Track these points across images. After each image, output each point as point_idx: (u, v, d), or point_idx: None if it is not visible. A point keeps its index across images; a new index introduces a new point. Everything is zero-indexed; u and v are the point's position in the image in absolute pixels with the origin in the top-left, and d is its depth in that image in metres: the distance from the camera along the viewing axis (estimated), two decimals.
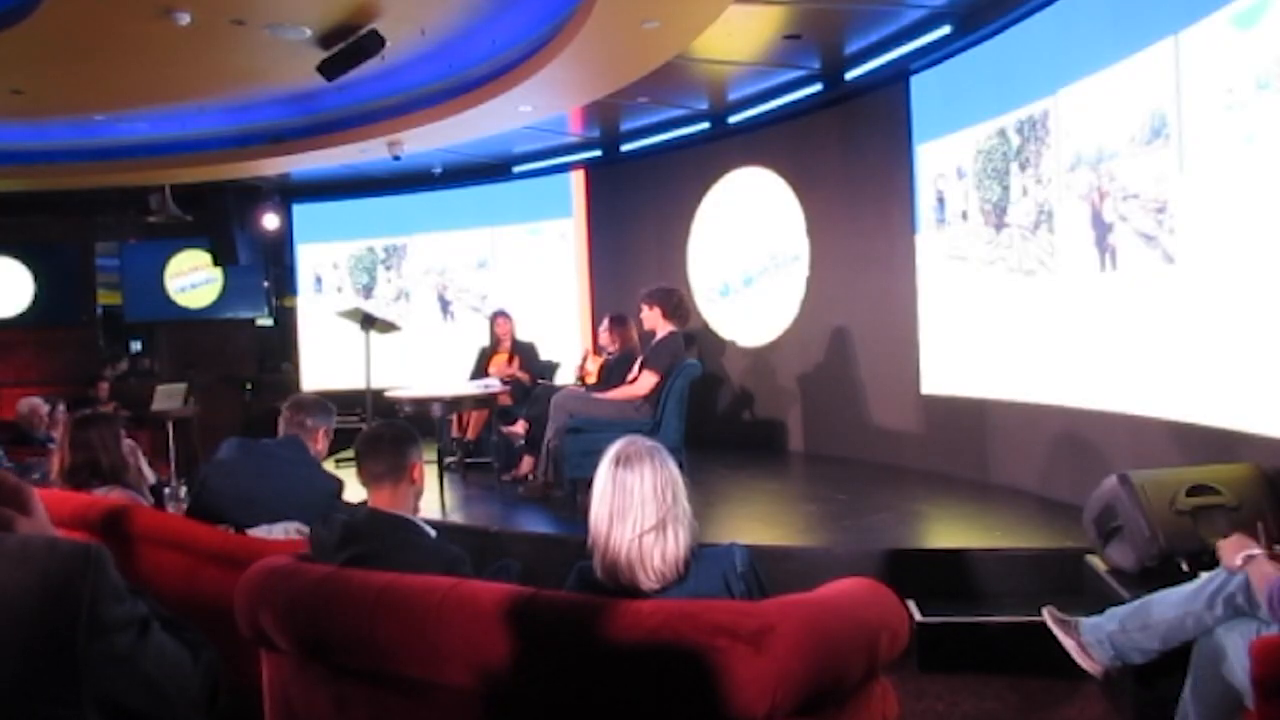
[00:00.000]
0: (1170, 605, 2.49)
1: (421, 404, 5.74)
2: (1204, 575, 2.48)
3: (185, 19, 4.96)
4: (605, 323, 6.08)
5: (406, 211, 9.49)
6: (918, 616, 3.56)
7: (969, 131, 5.45)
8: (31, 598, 0.99)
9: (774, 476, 6.32)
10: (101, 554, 1.05)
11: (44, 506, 1.24)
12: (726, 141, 7.51)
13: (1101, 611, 2.76)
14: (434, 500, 5.41)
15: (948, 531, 4.70)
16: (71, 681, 1.00)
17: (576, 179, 8.78)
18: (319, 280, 9.91)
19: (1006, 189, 5.18)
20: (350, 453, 6.55)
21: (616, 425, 4.65)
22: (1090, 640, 2.71)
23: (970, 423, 5.56)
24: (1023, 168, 5.04)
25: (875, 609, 1.73)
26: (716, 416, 7.68)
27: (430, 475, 5.53)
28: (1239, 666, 2.28)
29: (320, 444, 3.39)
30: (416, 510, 2.43)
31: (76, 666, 1.00)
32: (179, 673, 1.13)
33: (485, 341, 6.90)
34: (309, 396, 3.51)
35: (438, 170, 8.96)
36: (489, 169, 9.00)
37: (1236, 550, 2.36)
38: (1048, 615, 2.87)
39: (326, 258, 9.89)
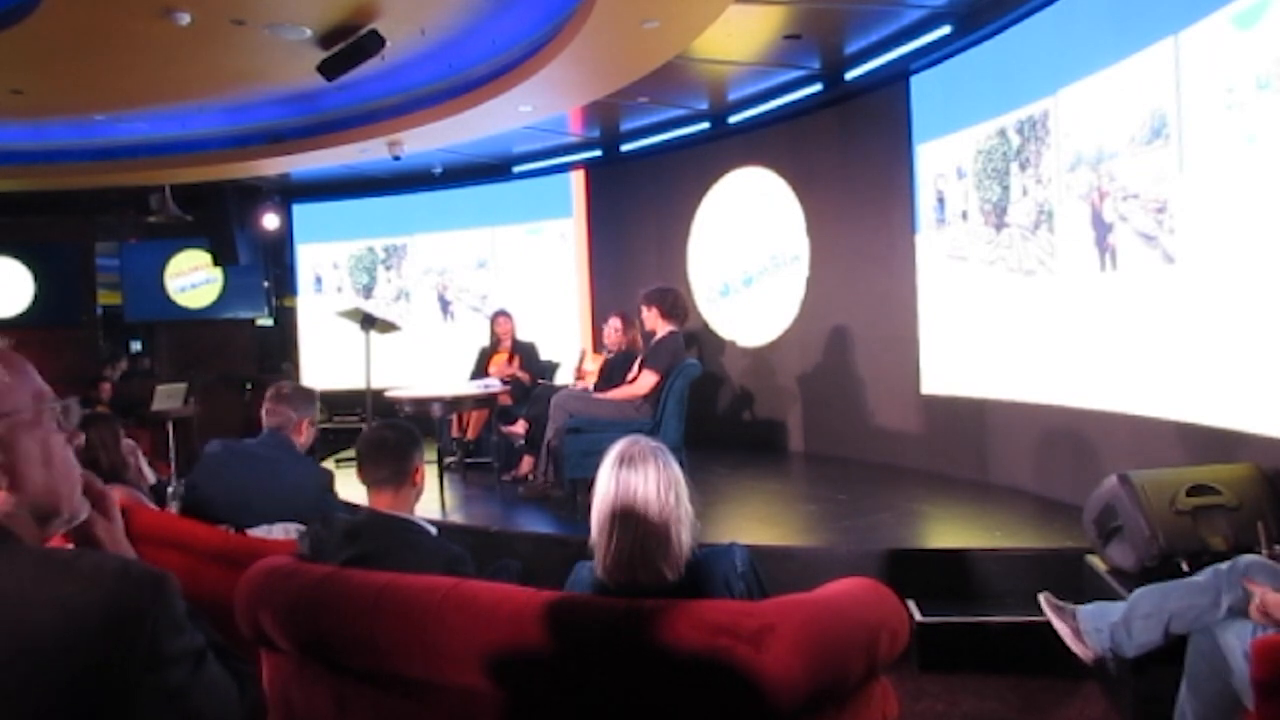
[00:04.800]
0: (1175, 597, 2.50)
1: (421, 404, 5.74)
2: (1209, 570, 2.48)
3: (185, 19, 4.96)
4: (615, 320, 6.06)
5: (406, 211, 9.50)
6: (918, 616, 3.56)
7: (969, 131, 5.45)
8: (95, 621, 0.96)
9: (774, 476, 6.32)
10: (171, 583, 1.02)
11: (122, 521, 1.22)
12: (726, 141, 7.51)
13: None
14: (434, 500, 5.41)
15: (948, 531, 4.70)
16: (119, 712, 0.97)
17: (576, 179, 8.78)
18: (319, 280, 9.91)
19: (1006, 189, 5.18)
20: (351, 452, 6.58)
21: (616, 425, 4.65)
22: (1087, 628, 2.73)
23: (970, 423, 5.56)
24: (1023, 168, 5.04)
25: (875, 609, 1.73)
26: (716, 416, 7.68)
27: (430, 475, 5.55)
28: (1236, 667, 2.28)
29: (304, 434, 3.31)
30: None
31: (127, 697, 0.97)
32: (226, 708, 1.09)
33: (485, 341, 6.90)
34: (290, 386, 3.40)
35: (438, 170, 8.97)
36: (489, 169, 9.00)
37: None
38: (1044, 600, 2.90)
39: (326, 258, 9.89)
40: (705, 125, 7.53)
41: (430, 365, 8.51)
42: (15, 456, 1.06)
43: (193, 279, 9.91)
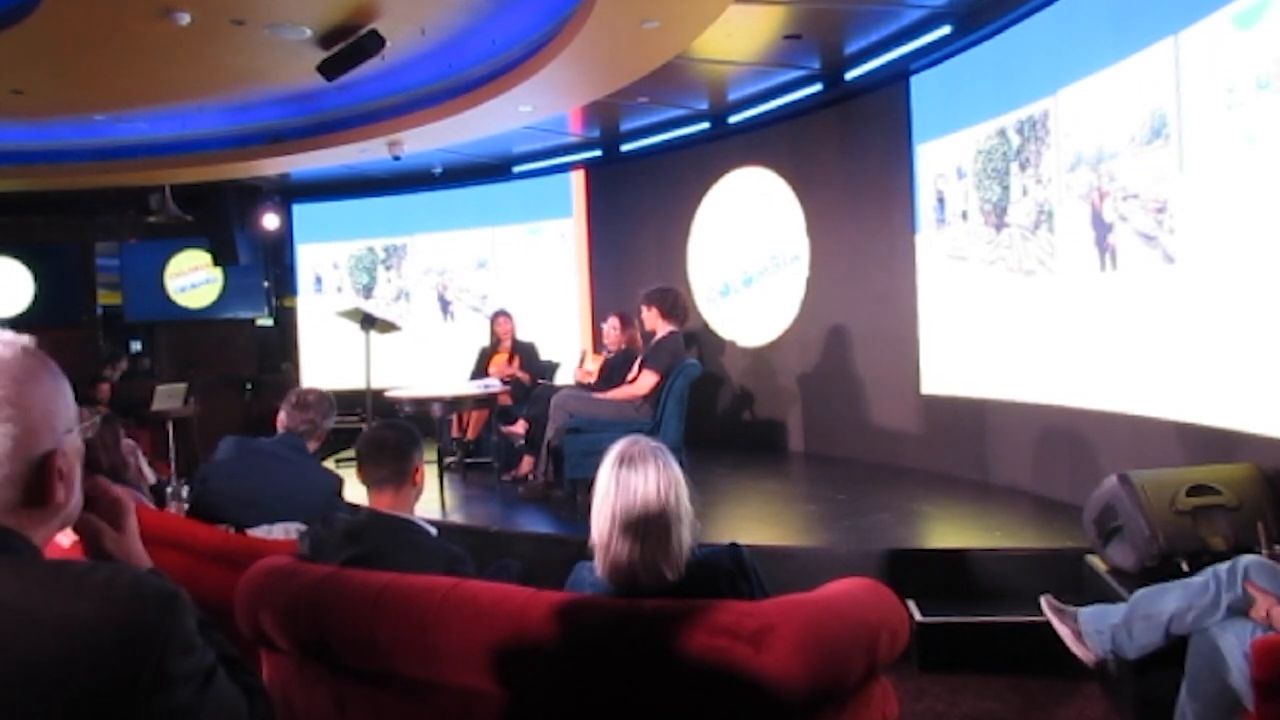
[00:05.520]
0: (1174, 598, 2.50)
1: (421, 404, 5.74)
2: (1208, 570, 2.48)
3: (185, 19, 4.96)
4: (614, 320, 6.06)
5: (406, 211, 9.50)
6: (918, 616, 3.56)
7: (969, 131, 5.45)
8: (101, 640, 0.94)
9: (774, 476, 6.32)
10: (182, 601, 1.00)
11: (138, 528, 1.21)
12: (726, 141, 7.51)
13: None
14: (434, 500, 5.41)
15: (948, 531, 4.70)
16: None
17: (576, 179, 8.78)
18: (319, 280, 9.91)
19: (1006, 189, 5.18)
20: (350, 452, 6.57)
21: (616, 425, 4.65)
22: (1088, 630, 2.73)
23: (970, 423, 5.56)
24: (1023, 168, 5.04)
25: (875, 609, 1.73)
26: (716, 416, 7.68)
27: (430, 475, 5.56)
28: (1235, 667, 2.28)
29: (320, 441, 3.38)
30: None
31: (131, 717, 0.95)
32: None
33: (485, 341, 6.91)
34: (314, 394, 3.43)
35: (438, 170, 8.96)
36: (489, 169, 9.00)
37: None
38: (1045, 603, 2.92)
39: (326, 258, 9.89)
40: (705, 125, 7.53)
41: (430, 365, 8.51)
42: (71, 470, 1.07)
43: (193, 279, 9.91)
